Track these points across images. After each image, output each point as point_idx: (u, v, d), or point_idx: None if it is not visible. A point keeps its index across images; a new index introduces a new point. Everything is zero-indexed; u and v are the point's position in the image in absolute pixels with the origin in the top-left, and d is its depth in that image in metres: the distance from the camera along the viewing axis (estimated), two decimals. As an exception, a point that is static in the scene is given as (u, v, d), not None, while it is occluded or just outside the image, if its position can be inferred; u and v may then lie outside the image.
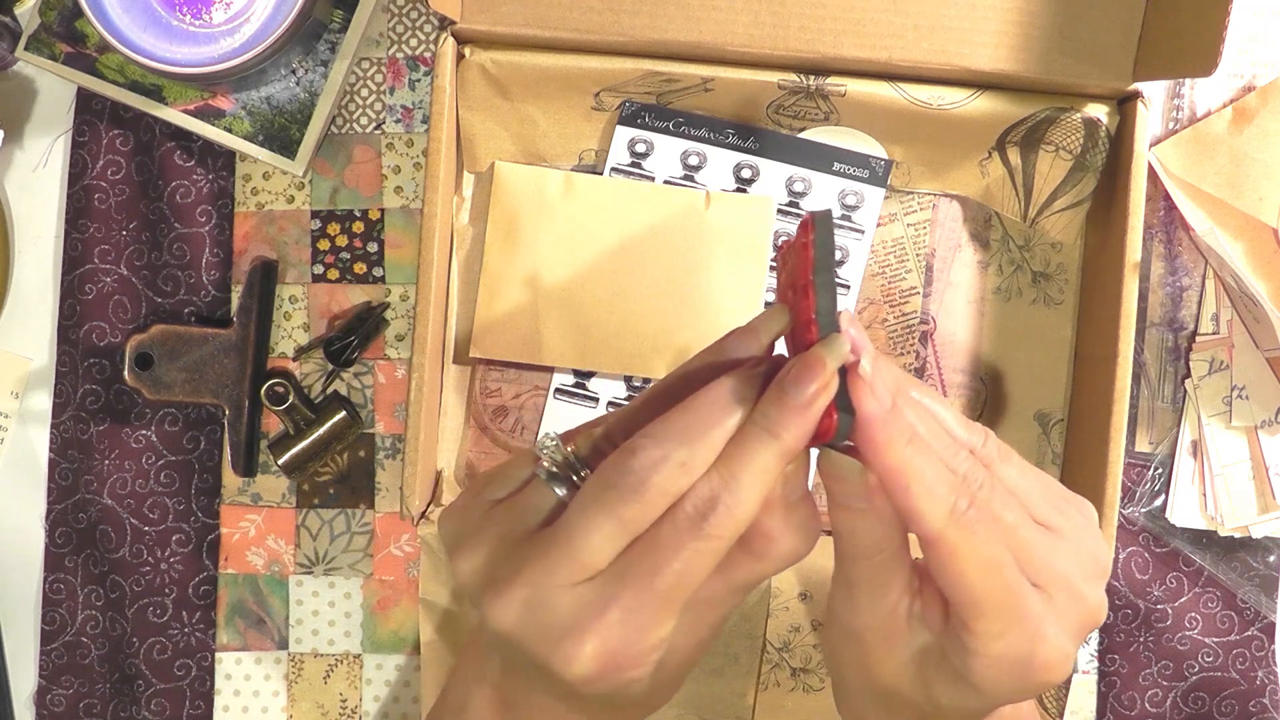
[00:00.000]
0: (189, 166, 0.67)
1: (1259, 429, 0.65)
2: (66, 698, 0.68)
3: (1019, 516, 0.38)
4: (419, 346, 0.59)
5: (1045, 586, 0.38)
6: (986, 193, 0.64)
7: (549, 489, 0.38)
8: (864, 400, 0.36)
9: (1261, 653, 0.65)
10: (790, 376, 0.36)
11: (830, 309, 0.36)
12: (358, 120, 0.67)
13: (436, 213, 0.58)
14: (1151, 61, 0.58)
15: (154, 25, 0.61)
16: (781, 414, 0.35)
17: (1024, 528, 0.38)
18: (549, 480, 0.38)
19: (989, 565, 0.37)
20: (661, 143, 0.63)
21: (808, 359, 0.36)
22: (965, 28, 0.59)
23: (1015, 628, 0.37)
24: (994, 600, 0.37)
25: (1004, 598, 0.37)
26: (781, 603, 0.62)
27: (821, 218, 0.37)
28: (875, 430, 0.36)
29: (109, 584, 0.68)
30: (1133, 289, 0.58)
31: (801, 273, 0.37)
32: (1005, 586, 0.37)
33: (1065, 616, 0.38)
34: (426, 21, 0.66)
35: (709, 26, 0.59)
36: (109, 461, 0.67)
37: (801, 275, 0.37)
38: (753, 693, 0.65)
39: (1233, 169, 0.64)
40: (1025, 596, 0.37)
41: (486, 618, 0.36)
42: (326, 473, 0.67)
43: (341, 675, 0.68)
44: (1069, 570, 0.39)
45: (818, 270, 0.36)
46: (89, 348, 0.67)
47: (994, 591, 0.37)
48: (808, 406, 0.35)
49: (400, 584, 0.67)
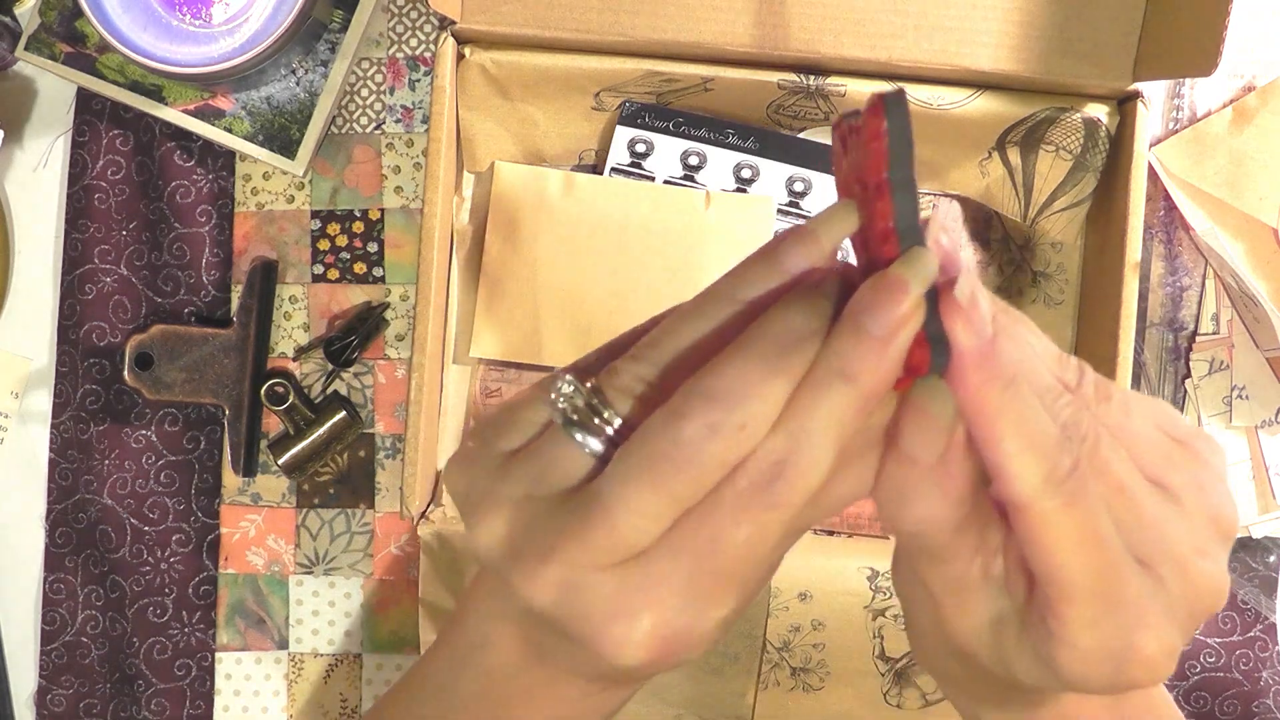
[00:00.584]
0: (189, 166, 0.67)
1: (1259, 429, 0.65)
2: (67, 698, 0.68)
3: (1128, 474, 0.32)
4: (419, 346, 0.59)
5: (1152, 564, 0.32)
6: (986, 193, 0.64)
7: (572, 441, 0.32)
8: (960, 333, 0.29)
9: (1265, 653, 0.65)
10: (865, 303, 0.29)
11: (912, 215, 0.29)
12: (358, 120, 0.67)
13: (436, 213, 0.58)
14: (1151, 61, 0.58)
15: (154, 25, 0.61)
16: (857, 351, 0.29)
17: (1132, 488, 0.32)
18: (568, 428, 0.32)
19: (1087, 541, 0.30)
20: (661, 143, 0.63)
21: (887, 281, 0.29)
22: (965, 28, 0.59)
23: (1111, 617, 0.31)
24: (1089, 584, 0.31)
25: (1101, 581, 0.31)
26: (781, 603, 0.62)
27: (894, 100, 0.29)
28: (969, 370, 0.29)
29: (109, 584, 0.68)
30: (1133, 289, 0.58)
31: (873, 169, 0.29)
32: (1104, 567, 0.31)
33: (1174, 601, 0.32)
34: (426, 21, 0.66)
35: (709, 26, 0.59)
36: (109, 461, 0.67)
37: (873, 172, 0.29)
38: (753, 693, 0.65)
39: (1233, 169, 0.64)
40: (1127, 579, 0.31)
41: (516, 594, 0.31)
42: (326, 473, 0.67)
43: (341, 675, 0.68)
44: (1182, 542, 0.32)
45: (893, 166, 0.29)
46: (89, 348, 0.67)
47: (1091, 573, 0.30)
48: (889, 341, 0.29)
49: (400, 584, 0.67)
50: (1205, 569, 0.32)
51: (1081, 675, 0.32)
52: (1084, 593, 0.31)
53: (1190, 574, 0.32)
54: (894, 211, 0.29)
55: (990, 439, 0.30)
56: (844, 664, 0.63)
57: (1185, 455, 0.33)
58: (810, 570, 0.61)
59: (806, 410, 0.29)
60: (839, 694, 0.64)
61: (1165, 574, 0.32)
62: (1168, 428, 0.34)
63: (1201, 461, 0.33)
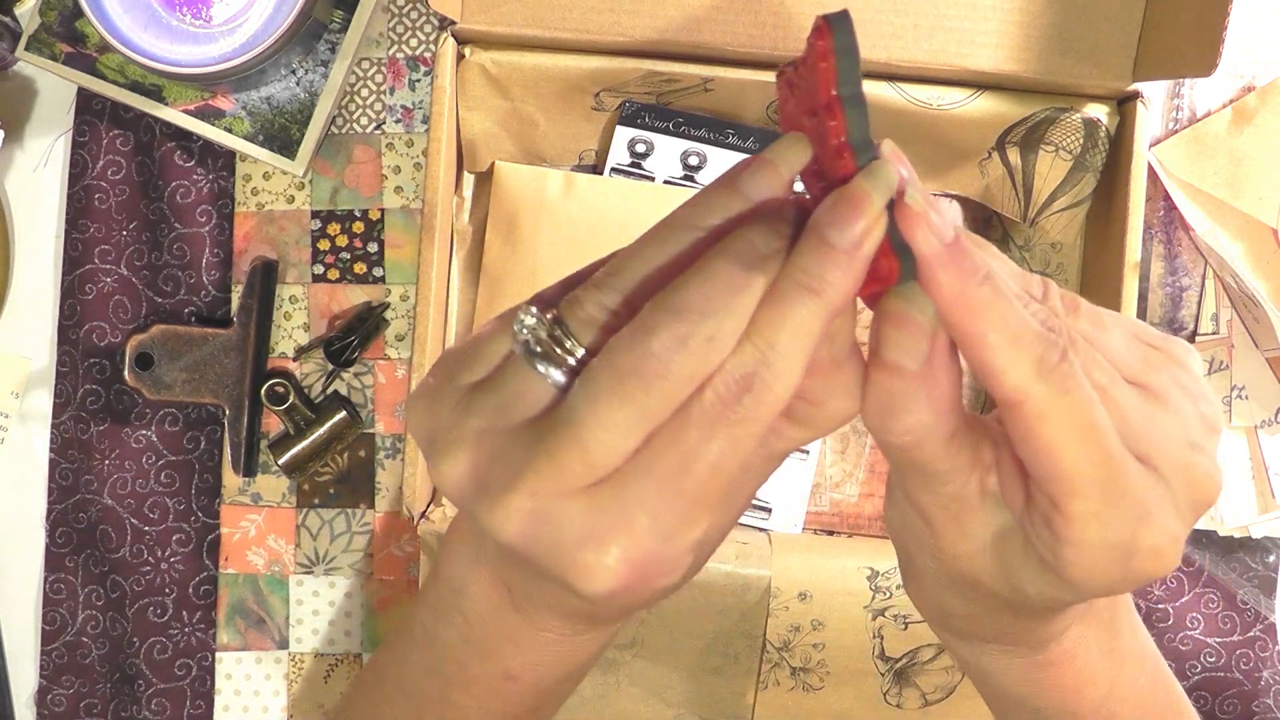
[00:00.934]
0: (189, 167, 0.67)
1: (1259, 429, 0.65)
2: (67, 697, 0.68)
3: (1107, 376, 0.32)
4: (419, 346, 0.59)
5: (1149, 459, 0.32)
6: (986, 193, 0.64)
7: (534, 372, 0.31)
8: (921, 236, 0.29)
9: (1265, 653, 0.65)
10: (828, 216, 0.29)
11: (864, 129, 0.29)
12: (358, 120, 0.67)
13: (436, 213, 0.58)
14: (1151, 61, 0.58)
15: (154, 25, 0.61)
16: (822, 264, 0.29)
17: (1114, 389, 0.32)
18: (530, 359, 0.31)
19: (1086, 430, 0.30)
20: (661, 143, 0.63)
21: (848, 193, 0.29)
22: (965, 28, 0.59)
23: (1116, 507, 0.31)
24: (1091, 474, 0.30)
25: (1103, 470, 0.30)
26: (781, 602, 0.62)
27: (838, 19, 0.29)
28: (940, 268, 0.29)
29: (109, 584, 0.68)
30: (1133, 289, 0.58)
31: (822, 89, 0.29)
32: (1105, 457, 0.30)
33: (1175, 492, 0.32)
34: (426, 22, 0.66)
35: (709, 26, 0.59)
36: (109, 461, 0.67)
37: (823, 92, 0.29)
38: (753, 692, 0.65)
39: (1232, 169, 0.64)
40: (1127, 467, 0.31)
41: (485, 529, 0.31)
42: (326, 473, 0.67)
43: (342, 675, 0.68)
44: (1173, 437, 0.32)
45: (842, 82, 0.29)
46: (89, 348, 0.67)
47: (1092, 463, 0.30)
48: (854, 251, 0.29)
49: (400, 584, 0.67)
50: (1199, 461, 0.32)
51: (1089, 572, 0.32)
52: (1087, 484, 0.30)
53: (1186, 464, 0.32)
54: (847, 127, 0.29)
55: (974, 335, 0.30)
56: (844, 664, 0.63)
57: (1162, 358, 0.34)
58: (810, 570, 0.61)
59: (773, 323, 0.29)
60: (839, 694, 0.64)
61: (1162, 467, 0.32)
62: (1140, 335, 0.34)
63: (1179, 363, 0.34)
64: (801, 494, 0.65)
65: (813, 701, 0.64)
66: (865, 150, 0.29)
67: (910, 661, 0.63)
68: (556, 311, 0.32)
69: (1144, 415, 0.32)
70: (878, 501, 0.66)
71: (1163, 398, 0.33)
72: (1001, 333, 0.30)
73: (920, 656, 0.63)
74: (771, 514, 0.65)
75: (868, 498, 0.66)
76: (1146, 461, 0.32)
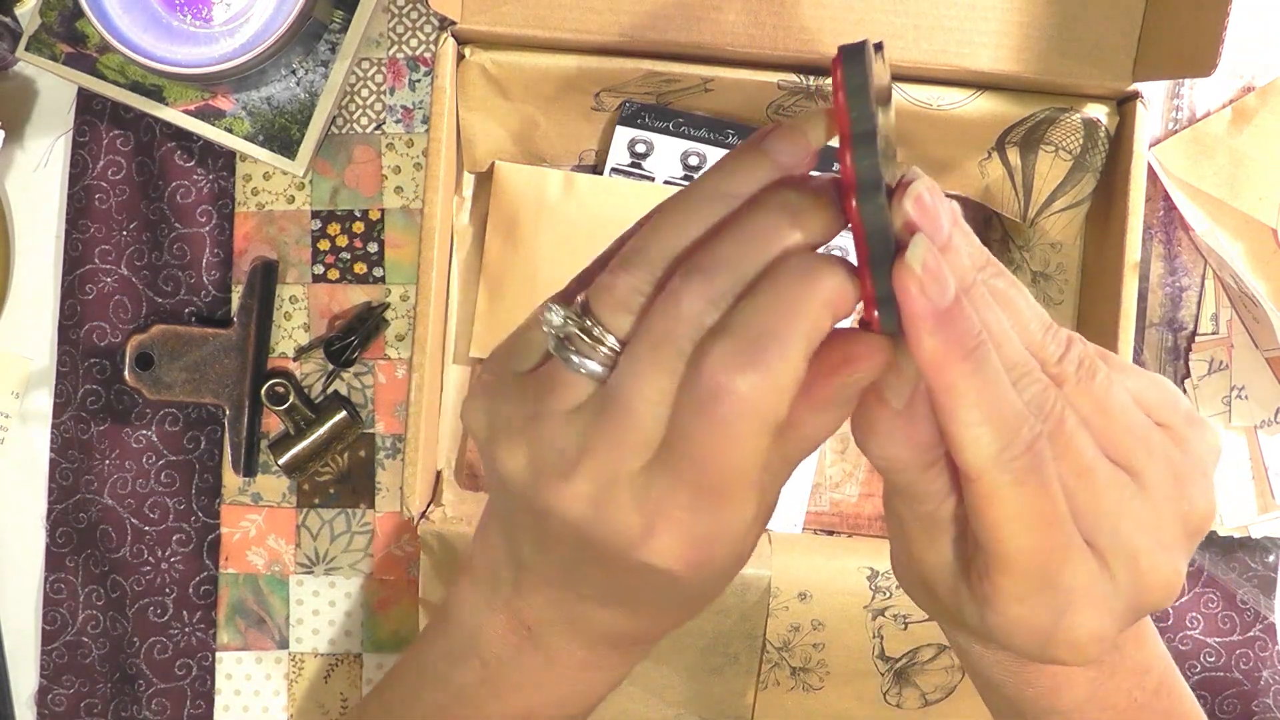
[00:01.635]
0: (189, 167, 0.67)
1: (1258, 429, 0.65)
2: (67, 697, 0.68)
3: (1091, 456, 0.31)
4: (419, 346, 0.59)
5: (1102, 551, 0.31)
6: (986, 193, 0.64)
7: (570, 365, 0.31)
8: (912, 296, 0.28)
9: (1265, 653, 0.65)
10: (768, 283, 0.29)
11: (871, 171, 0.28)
12: (358, 120, 0.67)
13: (436, 213, 0.59)
14: (1151, 62, 0.58)
15: (154, 26, 0.61)
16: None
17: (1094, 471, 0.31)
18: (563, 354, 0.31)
19: (1031, 521, 0.30)
20: (661, 143, 0.64)
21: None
22: (965, 28, 0.59)
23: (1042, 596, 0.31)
24: (1024, 561, 0.30)
25: (1037, 560, 0.30)
26: (781, 602, 0.62)
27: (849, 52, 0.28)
28: (926, 333, 0.28)
29: (110, 584, 0.68)
30: (1132, 289, 0.58)
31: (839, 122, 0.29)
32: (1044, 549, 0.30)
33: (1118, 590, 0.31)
34: (426, 22, 0.66)
35: (709, 26, 0.59)
36: (109, 461, 0.67)
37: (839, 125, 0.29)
38: (753, 692, 0.65)
39: (1232, 169, 0.64)
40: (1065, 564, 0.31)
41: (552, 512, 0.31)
42: (327, 473, 0.67)
43: (342, 675, 0.68)
44: (1140, 533, 0.31)
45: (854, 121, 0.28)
46: (89, 348, 0.67)
47: (1027, 552, 0.30)
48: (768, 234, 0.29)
49: (400, 584, 0.67)
50: (1158, 563, 0.31)
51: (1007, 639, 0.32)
52: (1018, 569, 0.31)
53: (1141, 566, 0.31)
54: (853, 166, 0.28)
55: (944, 407, 0.29)
56: (844, 664, 0.63)
57: (1164, 441, 0.32)
58: (810, 570, 0.61)
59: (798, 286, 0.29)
60: (839, 694, 0.64)
61: (1112, 562, 0.31)
62: (1156, 409, 0.33)
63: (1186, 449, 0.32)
64: (801, 494, 0.65)
65: (813, 701, 0.64)
66: (868, 191, 0.28)
67: (910, 661, 0.63)
68: (585, 298, 0.31)
69: (1114, 502, 0.31)
70: (878, 501, 0.66)
71: (1146, 486, 0.32)
72: (973, 409, 0.29)
73: (920, 656, 0.63)
74: (771, 514, 0.65)
75: (868, 498, 0.66)
76: (1099, 551, 0.31)
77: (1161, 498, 0.32)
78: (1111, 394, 0.32)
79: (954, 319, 0.28)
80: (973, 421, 0.29)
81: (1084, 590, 0.31)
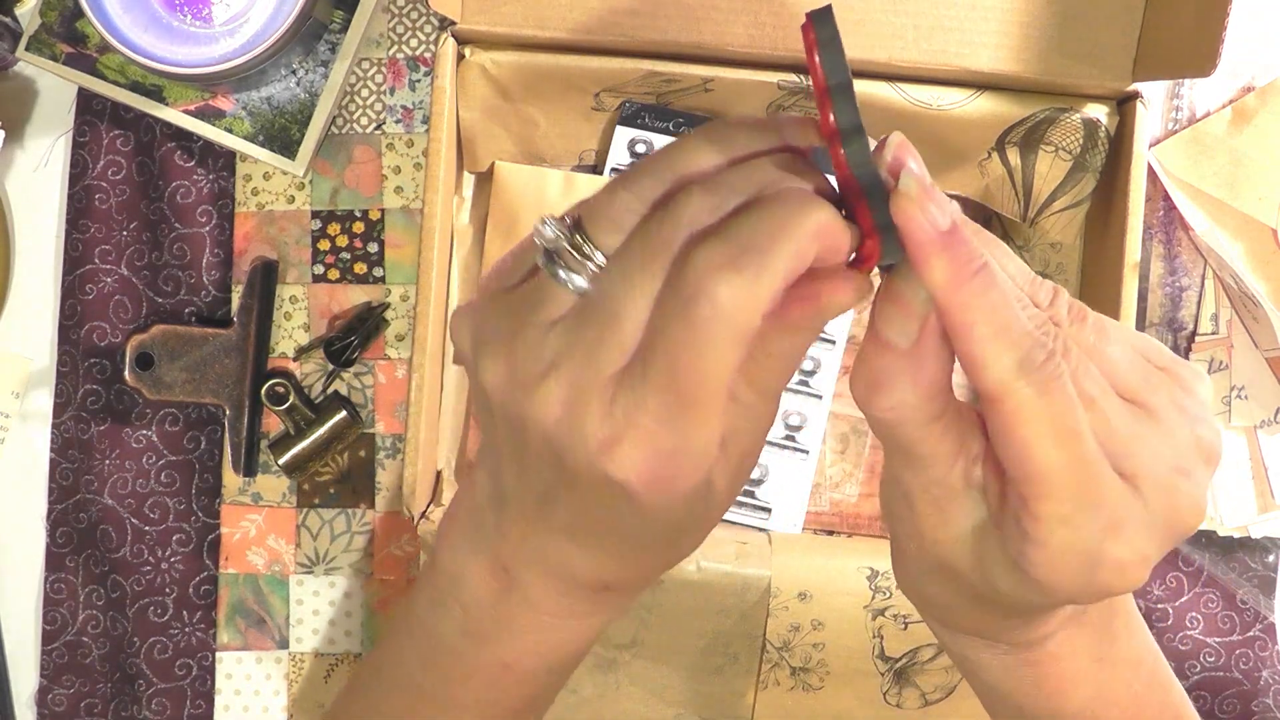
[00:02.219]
0: (189, 167, 0.67)
1: (1258, 429, 0.65)
2: (67, 697, 0.68)
3: (1099, 389, 0.31)
4: (419, 346, 0.59)
5: (1130, 474, 0.31)
6: (986, 193, 0.64)
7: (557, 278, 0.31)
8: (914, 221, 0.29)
9: (1265, 653, 0.65)
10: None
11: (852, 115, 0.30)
12: (358, 120, 0.67)
13: (436, 213, 0.59)
14: (1151, 62, 0.58)
15: (154, 26, 0.61)
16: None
17: (1105, 402, 0.31)
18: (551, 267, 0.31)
19: (1062, 432, 0.30)
20: (661, 143, 0.64)
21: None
22: (965, 28, 0.59)
23: (1086, 514, 0.30)
24: (1064, 478, 0.30)
25: (1077, 475, 0.30)
26: (781, 602, 0.62)
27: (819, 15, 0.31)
28: (934, 254, 0.29)
29: (110, 584, 0.68)
30: (1132, 289, 0.58)
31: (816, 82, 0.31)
32: (1080, 461, 0.30)
33: (1151, 512, 0.31)
34: (426, 22, 0.66)
35: (709, 27, 0.59)
36: (109, 461, 0.68)
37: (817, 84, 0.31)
38: (753, 692, 0.65)
39: (1232, 169, 0.64)
40: (1103, 477, 0.31)
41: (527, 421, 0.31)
42: (327, 473, 0.67)
43: (342, 675, 0.68)
44: (1161, 459, 0.31)
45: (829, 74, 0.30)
46: (89, 348, 0.67)
47: (1065, 467, 0.30)
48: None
49: (400, 584, 0.67)
50: (1185, 488, 0.32)
51: (1053, 576, 0.32)
52: (1058, 487, 0.30)
53: (1168, 487, 0.31)
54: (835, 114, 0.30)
55: (962, 325, 0.30)
56: (844, 664, 0.63)
57: (1164, 379, 0.33)
58: (810, 570, 0.62)
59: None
60: (839, 694, 0.64)
61: (1142, 485, 0.31)
62: (1149, 354, 0.33)
63: (1183, 386, 0.33)
64: (801, 494, 0.65)
65: (813, 701, 0.64)
66: (852, 133, 0.30)
67: (910, 661, 0.63)
68: (577, 214, 0.32)
69: (1131, 431, 0.31)
70: (877, 501, 0.66)
71: (1156, 416, 0.32)
72: (989, 325, 0.30)
73: (920, 656, 0.63)
74: (771, 514, 0.65)
75: (868, 498, 0.66)
76: (1127, 477, 0.31)
77: (1172, 426, 0.32)
78: (1107, 334, 0.33)
79: (958, 240, 0.29)
80: (991, 336, 0.30)
81: (1123, 511, 0.31)
